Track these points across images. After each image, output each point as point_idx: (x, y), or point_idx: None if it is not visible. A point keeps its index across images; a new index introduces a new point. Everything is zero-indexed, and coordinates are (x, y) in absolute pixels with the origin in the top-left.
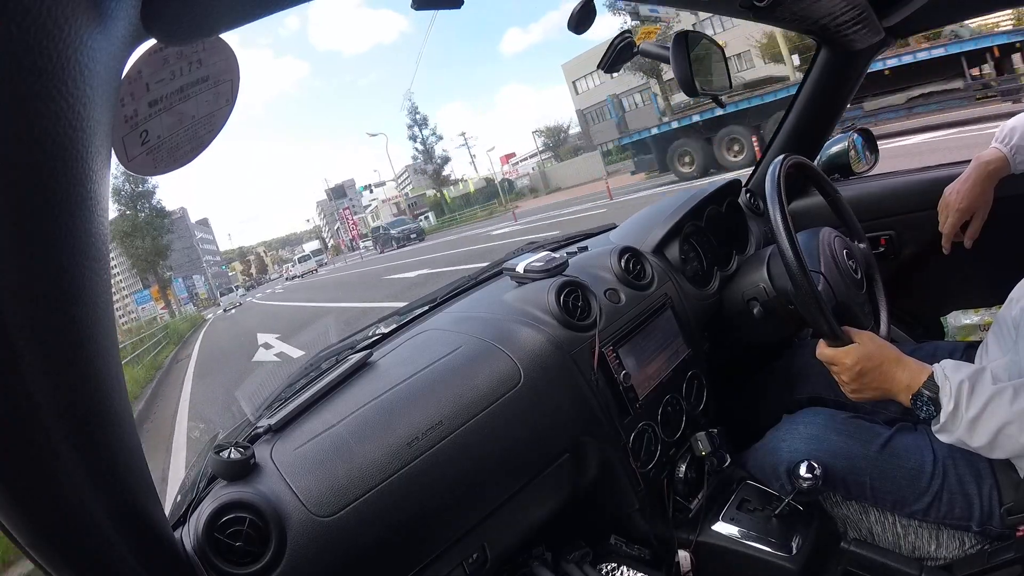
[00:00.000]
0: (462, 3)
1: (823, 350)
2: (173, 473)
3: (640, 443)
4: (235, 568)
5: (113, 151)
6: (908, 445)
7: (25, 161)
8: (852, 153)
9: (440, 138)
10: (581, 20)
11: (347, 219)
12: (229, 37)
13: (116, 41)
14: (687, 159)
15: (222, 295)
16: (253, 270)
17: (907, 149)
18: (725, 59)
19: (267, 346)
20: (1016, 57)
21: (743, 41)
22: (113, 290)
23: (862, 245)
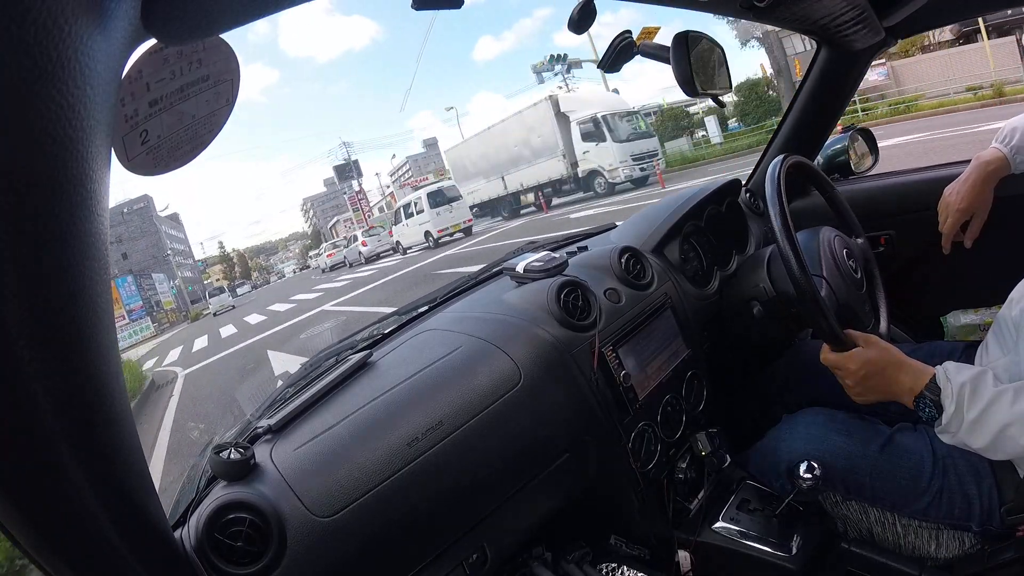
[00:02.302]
0: (462, 3)
1: (827, 355)
2: None
3: (640, 443)
4: (235, 568)
5: (113, 151)
6: (908, 445)
7: (25, 161)
8: (852, 153)
9: None
10: (581, 20)
11: (361, 206)
12: (228, 37)
13: (116, 41)
14: None
15: (211, 296)
16: (237, 271)
17: None
18: (725, 59)
19: None
20: None
21: None
22: None
23: (860, 241)
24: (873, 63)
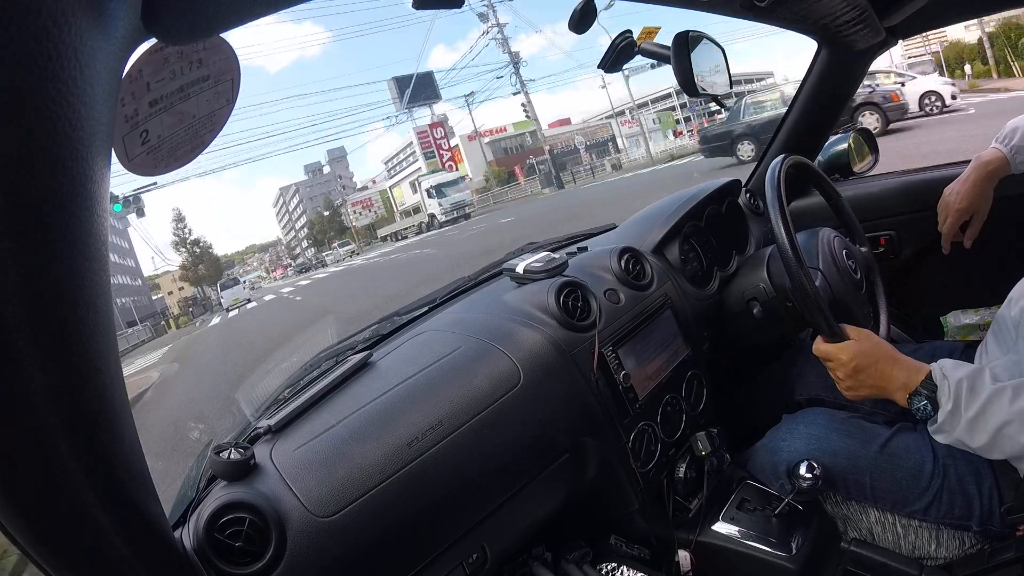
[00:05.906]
0: (463, 3)
1: (819, 345)
2: None
3: (640, 443)
4: (235, 568)
5: (113, 151)
6: (908, 445)
7: (25, 161)
8: (852, 153)
9: None
10: (582, 20)
11: (440, 146)
12: (229, 36)
13: (116, 41)
14: None
15: (223, 288)
16: (203, 271)
17: None
18: (726, 59)
19: None
20: None
21: None
22: None
23: (863, 249)
24: None
